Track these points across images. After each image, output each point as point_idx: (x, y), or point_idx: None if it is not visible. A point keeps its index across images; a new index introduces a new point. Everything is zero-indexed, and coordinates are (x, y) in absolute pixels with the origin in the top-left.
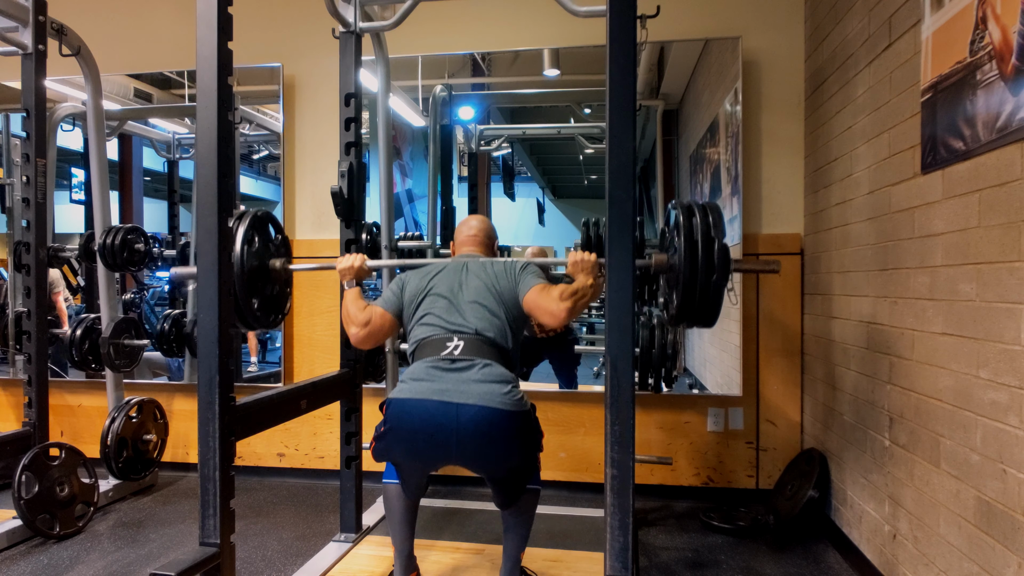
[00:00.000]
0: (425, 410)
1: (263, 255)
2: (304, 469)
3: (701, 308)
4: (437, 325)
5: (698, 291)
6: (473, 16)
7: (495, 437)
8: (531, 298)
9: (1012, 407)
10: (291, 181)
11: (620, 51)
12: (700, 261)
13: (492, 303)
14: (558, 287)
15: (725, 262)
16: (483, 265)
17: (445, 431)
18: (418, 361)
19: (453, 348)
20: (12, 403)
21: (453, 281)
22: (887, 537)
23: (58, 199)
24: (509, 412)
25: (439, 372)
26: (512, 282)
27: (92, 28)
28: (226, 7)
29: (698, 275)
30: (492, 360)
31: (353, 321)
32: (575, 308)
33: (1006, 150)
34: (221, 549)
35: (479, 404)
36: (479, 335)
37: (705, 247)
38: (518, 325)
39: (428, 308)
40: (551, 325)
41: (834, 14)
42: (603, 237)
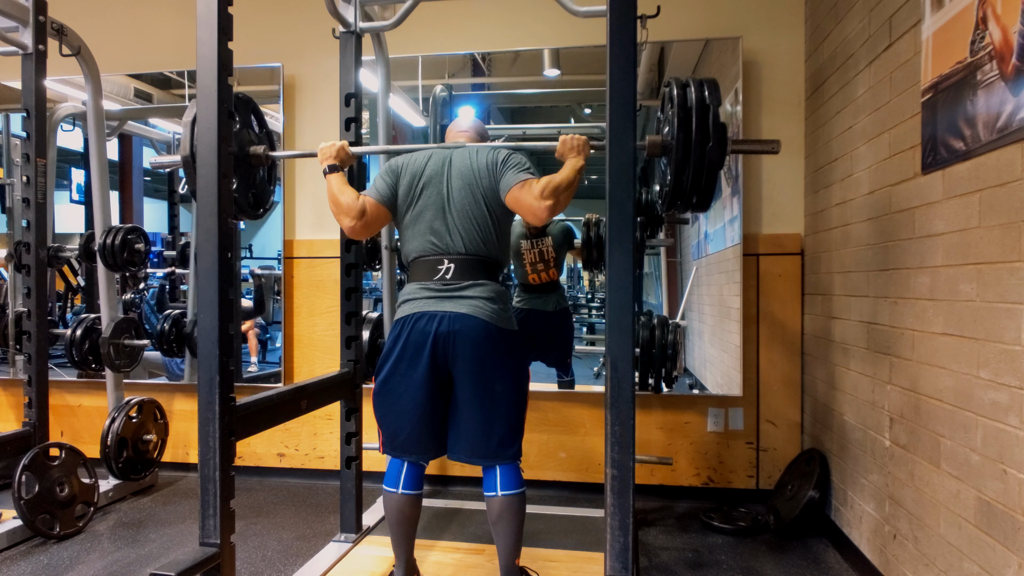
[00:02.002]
0: (420, 320)
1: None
2: (304, 469)
3: (695, 185)
4: (429, 241)
5: (692, 165)
6: (473, 16)
7: (481, 341)
8: (513, 196)
9: (1012, 407)
10: (291, 181)
11: (620, 51)
12: (694, 131)
13: (476, 209)
14: (540, 182)
15: (721, 133)
16: (466, 157)
17: (436, 330)
18: (412, 282)
19: (444, 271)
20: (12, 403)
21: (441, 182)
22: (887, 537)
23: (58, 199)
24: (496, 325)
25: (432, 291)
26: (493, 179)
27: (92, 28)
28: (226, 7)
29: (692, 146)
30: (481, 279)
31: (346, 212)
32: (558, 204)
33: (1006, 150)
34: (221, 549)
35: (469, 313)
36: (468, 254)
37: (700, 116)
38: (504, 222)
39: (419, 214)
40: (534, 223)
41: (834, 14)
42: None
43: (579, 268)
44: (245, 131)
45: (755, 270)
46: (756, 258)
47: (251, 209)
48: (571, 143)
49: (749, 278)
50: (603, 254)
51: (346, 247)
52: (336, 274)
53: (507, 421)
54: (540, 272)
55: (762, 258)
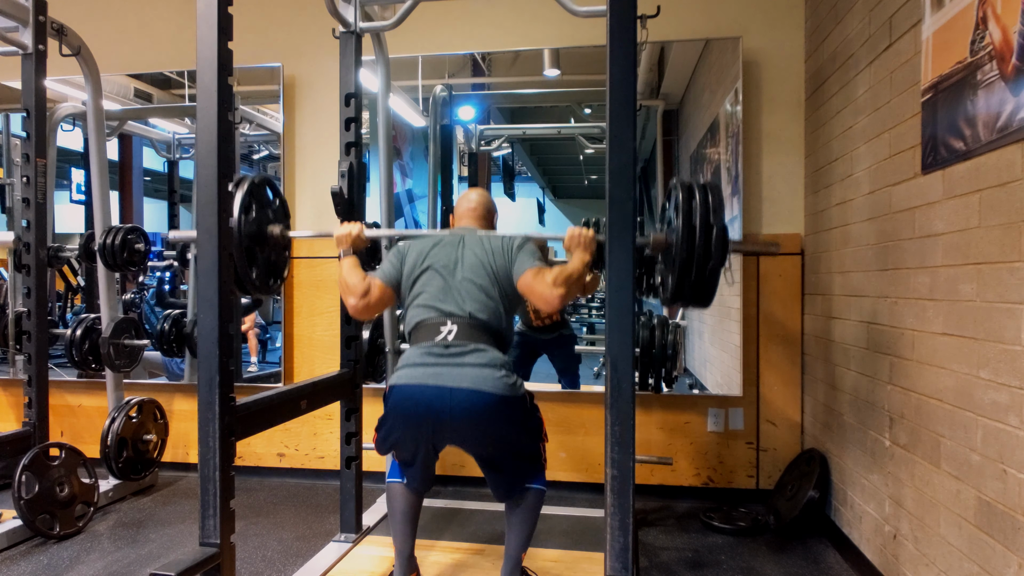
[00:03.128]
0: (422, 393)
1: (261, 221)
2: (304, 469)
3: (697, 289)
4: (431, 307)
5: (695, 273)
6: (473, 16)
7: (487, 418)
8: (525, 281)
9: (1012, 407)
10: (291, 181)
11: (620, 51)
12: (698, 245)
13: (487, 282)
14: (552, 271)
15: (723, 246)
16: (480, 240)
17: (440, 413)
18: (414, 346)
19: (447, 333)
20: (12, 403)
21: (449, 257)
22: (887, 537)
23: (58, 199)
24: (501, 396)
25: (433, 358)
26: (508, 261)
27: (92, 28)
28: (226, 7)
29: (695, 258)
30: (485, 345)
31: (352, 292)
32: (569, 293)
33: (1007, 150)
34: (221, 549)
35: (472, 388)
36: (472, 318)
37: (704, 230)
38: (512, 304)
39: (424, 286)
40: (544, 311)
41: (834, 14)
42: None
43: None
44: (264, 211)
45: (755, 270)
46: (756, 258)
47: (268, 289)
48: (578, 239)
49: (749, 278)
50: (603, 254)
51: None
52: (336, 274)
53: (530, 465)
54: (543, 318)
55: (762, 258)
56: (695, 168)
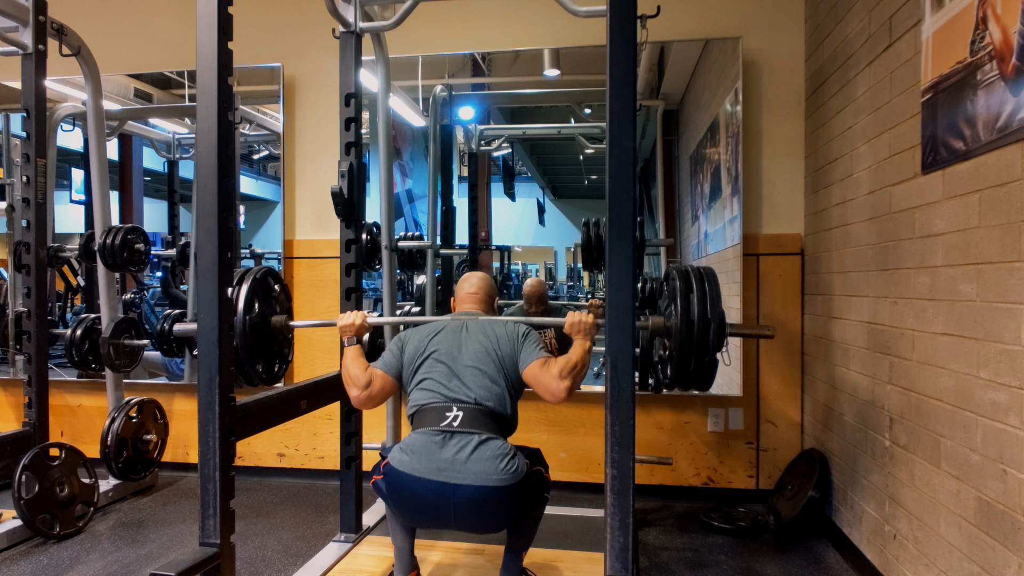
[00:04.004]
0: (423, 488)
1: (265, 314)
2: (304, 469)
3: (696, 378)
4: (436, 392)
5: (693, 365)
6: (473, 16)
7: (492, 511)
8: (532, 373)
9: (1012, 407)
10: (291, 181)
11: (620, 51)
12: (696, 339)
13: (491, 369)
14: (558, 363)
15: (720, 337)
16: (483, 327)
17: (443, 509)
18: (416, 431)
19: (452, 419)
20: (12, 403)
21: (453, 343)
22: (887, 537)
23: (58, 199)
24: (506, 487)
25: (437, 448)
26: (514, 350)
27: (92, 28)
28: (226, 7)
29: (693, 351)
30: (490, 433)
31: (354, 383)
32: (574, 384)
33: (1007, 150)
34: (221, 549)
35: (476, 484)
36: (478, 405)
37: (701, 325)
38: (517, 390)
39: (427, 372)
40: (550, 401)
41: (834, 14)
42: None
43: (579, 268)
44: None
45: (755, 270)
46: (756, 258)
47: (271, 379)
48: (579, 326)
49: (749, 278)
50: (603, 254)
51: (346, 247)
52: (336, 274)
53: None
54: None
55: (762, 258)
56: (695, 168)
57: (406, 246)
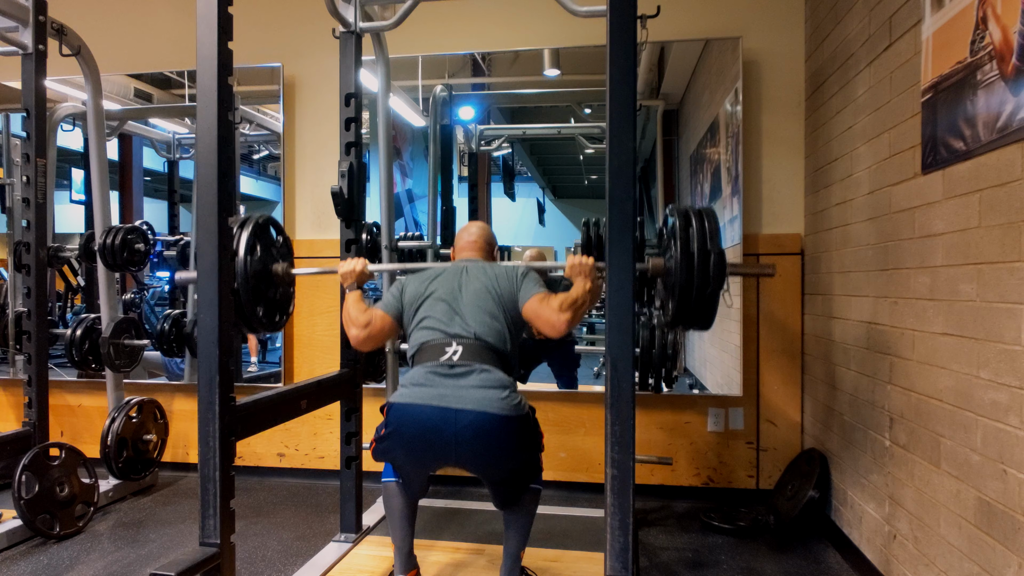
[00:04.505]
0: (425, 415)
1: (266, 260)
2: (304, 469)
3: (697, 313)
4: (436, 329)
5: (694, 298)
6: (473, 16)
7: (492, 441)
8: (531, 307)
9: (1012, 407)
10: (291, 181)
11: (620, 51)
12: (696, 270)
13: (492, 306)
14: (558, 297)
15: (721, 271)
16: (483, 268)
17: (444, 436)
18: (418, 366)
19: (452, 353)
20: (12, 403)
21: (453, 284)
22: (887, 537)
23: (58, 199)
24: (506, 417)
25: (438, 378)
26: (513, 286)
27: (92, 28)
28: (226, 7)
29: (694, 284)
30: (490, 365)
31: (354, 323)
32: (574, 318)
33: (1007, 150)
34: (221, 549)
35: (477, 409)
36: (478, 340)
37: (701, 257)
38: (517, 328)
39: (427, 312)
40: (551, 336)
41: (834, 14)
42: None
43: None
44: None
45: None
46: (756, 258)
47: (273, 326)
48: (579, 267)
49: (749, 278)
50: (603, 254)
51: (346, 247)
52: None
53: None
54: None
55: (762, 258)
56: (695, 168)
57: (406, 246)
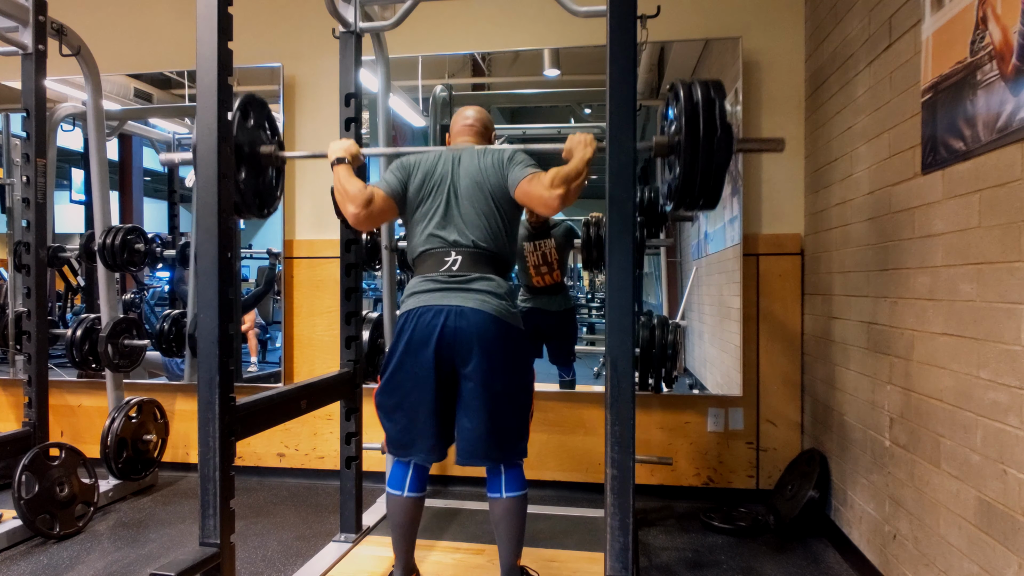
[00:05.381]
0: (426, 314)
1: (254, 139)
2: (304, 469)
3: (703, 188)
4: (436, 236)
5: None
6: (473, 16)
7: (488, 336)
8: (523, 188)
9: (1012, 407)
10: (291, 181)
11: (620, 51)
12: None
13: (485, 205)
14: (549, 172)
15: (727, 130)
16: (474, 157)
17: (445, 324)
18: (418, 276)
19: (451, 263)
20: (12, 403)
21: (447, 179)
22: (887, 537)
23: (58, 199)
24: (503, 320)
25: (440, 284)
26: (501, 176)
27: (92, 28)
28: (226, 7)
29: (699, 145)
30: (489, 273)
31: (353, 200)
32: (568, 193)
33: (1007, 150)
34: (221, 549)
35: (476, 307)
36: (476, 247)
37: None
38: (512, 220)
39: (428, 210)
40: (545, 213)
41: (834, 14)
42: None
43: (579, 268)
44: (258, 131)
45: (755, 270)
46: (756, 258)
47: (257, 209)
48: (578, 139)
49: (749, 278)
50: (603, 254)
51: (346, 247)
52: (336, 274)
53: (513, 420)
54: (544, 275)
55: (762, 258)
56: None
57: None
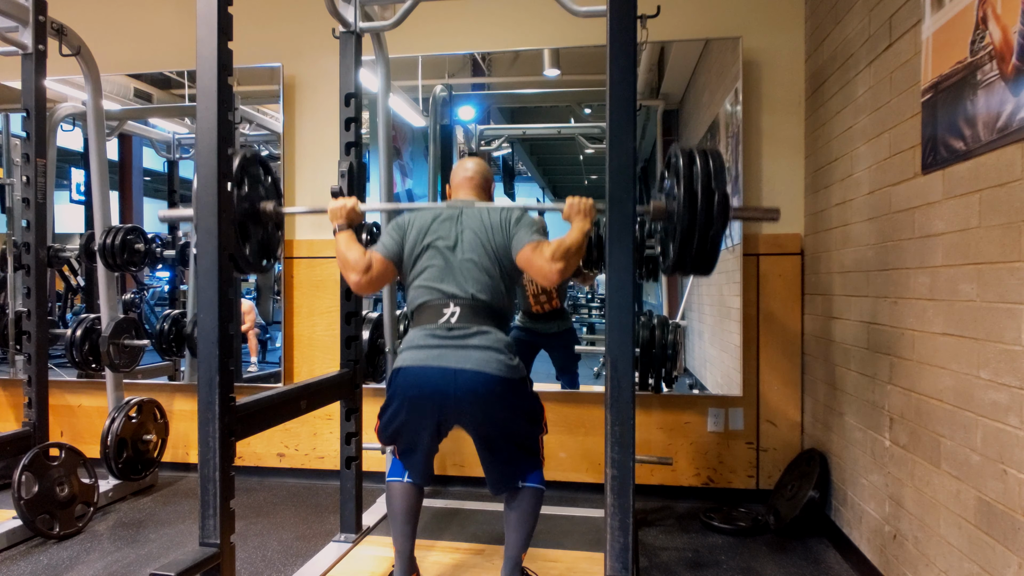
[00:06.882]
0: (425, 375)
1: (254, 197)
2: (304, 469)
3: (700, 256)
4: (434, 288)
5: (696, 241)
6: (473, 16)
7: (489, 398)
8: (524, 256)
9: (1012, 407)
10: (291, 181)
11: (620, 51)
12: (700, 211)
13: (487, 261)
14: (551, 245)
15: (725, 212)
16: (478, 215)
17: (443, 393)
18: (416, 328)
19: (450, 315)
20: (12, 403)
21: (449, 234)
22: (887, 537)
23: (58, 199)
24: (503, 378)
25: (437, 340)
26: (506, 237)
27: (92, 28)
28: (226, 7)
29: (696, 226)
30: (488, 326)
31: (353, 267)
32: (568, 267)
33: (1006, 150)
34: (221, 549)
35: (475, 369)
36: (475, 300)
37: (705, 197)
38: (513, 280)
39: (426, 264)
40: (543, 284)
41: (834, 14)
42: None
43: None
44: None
45: (755, 270)
46: (756, 258)
47: (258, 266)
48: (578, 206)
49: (749, 278)
50: (603, 254)
51: None
52: (336, 274)
53: (527, 453)
54: (543, 303)
55: (762, 258)
56: None
57: None
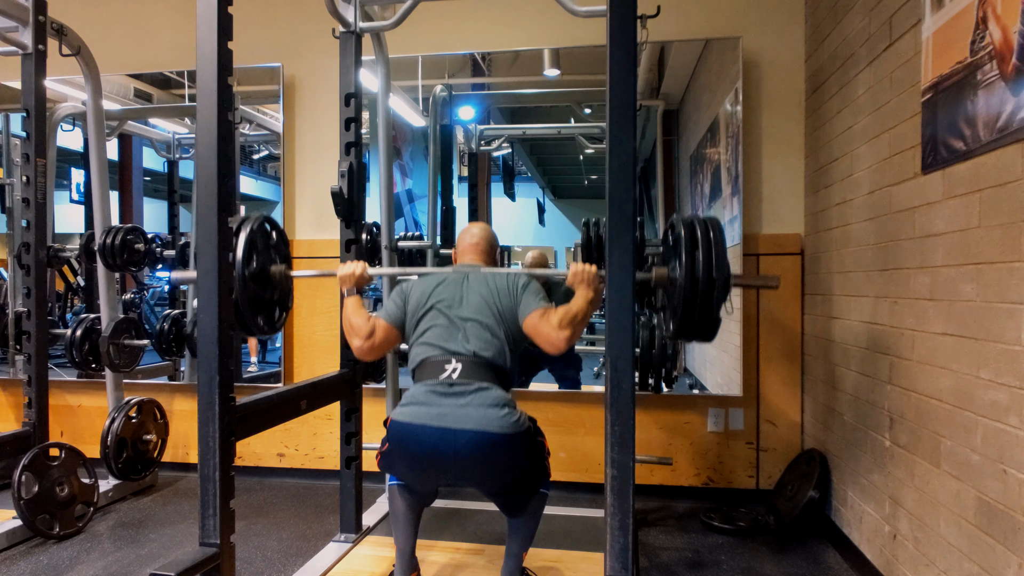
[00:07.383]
0: (424, 435)
1: (264, 263)
2: (304, 469)
3: (701, 326)
4: (436, 345)
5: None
6: (473, 16)
7: (492, 459)
8: (531, 323)
9: (1012, 407)
10: (291, 181)
11: (620, 51)
12: (701, 285)
13: (491, 321)
14: (558, 312)
15: (725, 286)
16: (484, 279)
17: (444, 455)
18: (418, 384)
19: (451, 371)
20: (12, 403)
21: (454, 295)
22: (887, 537)
23: (58, 199)
24: (506, 435)
25: (437, 396)
26: (513, 301)
27: (92, 28)
28: (226, 7)
29: (698, 297)
30: (489, 383)
31: (357, 334)
32: (574, 335)
33: (1007, 150)
34: (221, 549)
35: (476, 429)
36: (477, 357)
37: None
38: (517, 343)
39: (429, 324)
40: (551, 352)
41: (834, 14)
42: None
43: None
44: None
45: (755, 270)
46: (756, 258)
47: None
48: (581, 275)
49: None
50: (603, 254)
51: (346, 247)
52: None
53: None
54: None
55: (762, 258)
56: (695, 168)
57: (406, 246)
